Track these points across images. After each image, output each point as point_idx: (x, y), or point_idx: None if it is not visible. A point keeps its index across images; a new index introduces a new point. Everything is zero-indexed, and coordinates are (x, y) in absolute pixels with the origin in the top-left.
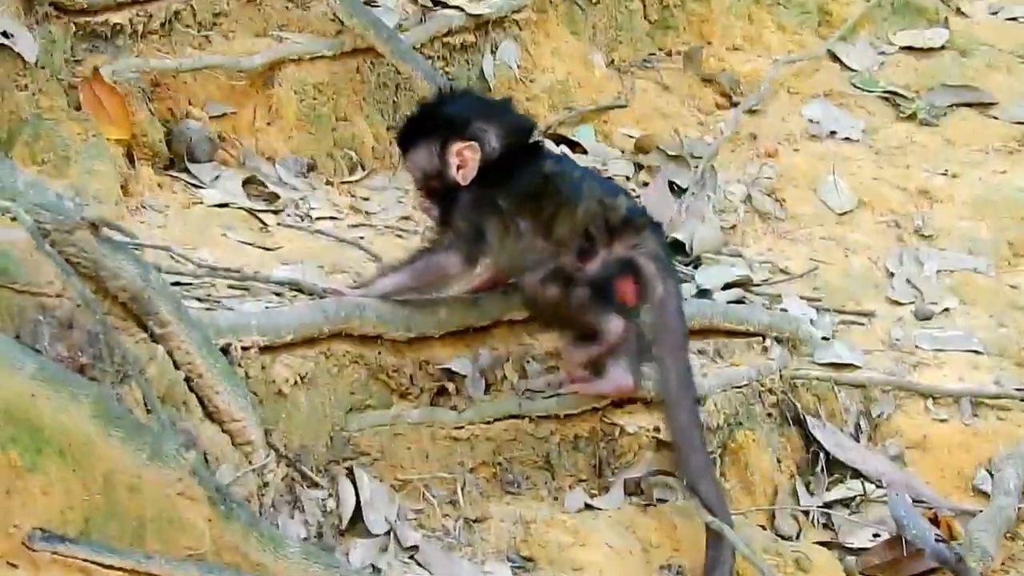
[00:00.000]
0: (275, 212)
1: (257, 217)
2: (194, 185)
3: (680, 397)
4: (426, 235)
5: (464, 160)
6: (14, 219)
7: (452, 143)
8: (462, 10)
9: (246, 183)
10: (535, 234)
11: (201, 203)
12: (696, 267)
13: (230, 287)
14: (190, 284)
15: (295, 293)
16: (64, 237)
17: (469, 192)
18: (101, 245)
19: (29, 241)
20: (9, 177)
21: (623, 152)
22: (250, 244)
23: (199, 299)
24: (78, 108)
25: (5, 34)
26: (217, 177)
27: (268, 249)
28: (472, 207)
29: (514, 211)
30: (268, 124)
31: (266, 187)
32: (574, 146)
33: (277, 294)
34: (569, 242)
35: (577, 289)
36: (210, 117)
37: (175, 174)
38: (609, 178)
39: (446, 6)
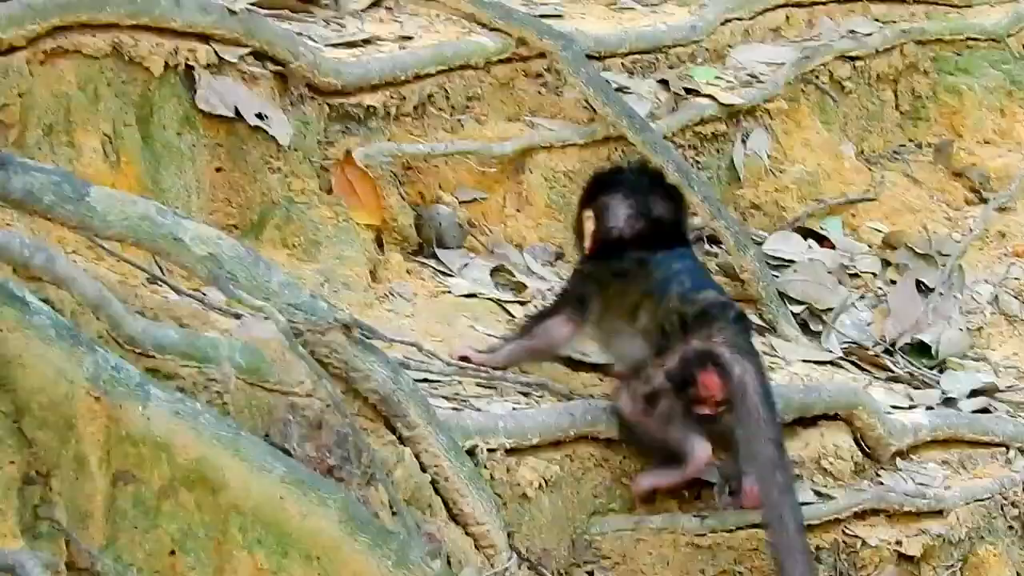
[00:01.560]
0: (522, 303)
1: (505, 308)
2: (442, 272)
3: (770, 490)
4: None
5: (587, 229)
6: (268, 318)
7: (583, 210)
8: (714, 99)
9: (494, 271)
10: (623, 318)
11: (449, 292)
12: (942, 371)
13: (478, 385)
14: (438, 382)
15: (542, 393)
16: (316, 338)
17: (587, 261)
18: (352, 346)
19: (281, 341)
20: (264, 276)
21: (870, 247)
22: (498, 338)
23: (446, 398)
24: (329, 192)
25: (260, 116)
26: (466, 265)
27: None
28: (580, 276)
29: (610, 290)
30: (518, 211)
31: (513, 276)
32: (822, 239)
33: (524, 394)
34: (650, 335)
35: (662, 400)
36: (460, 202)
37: (424, 260)
38: (707, 272)
39: (698, 95)
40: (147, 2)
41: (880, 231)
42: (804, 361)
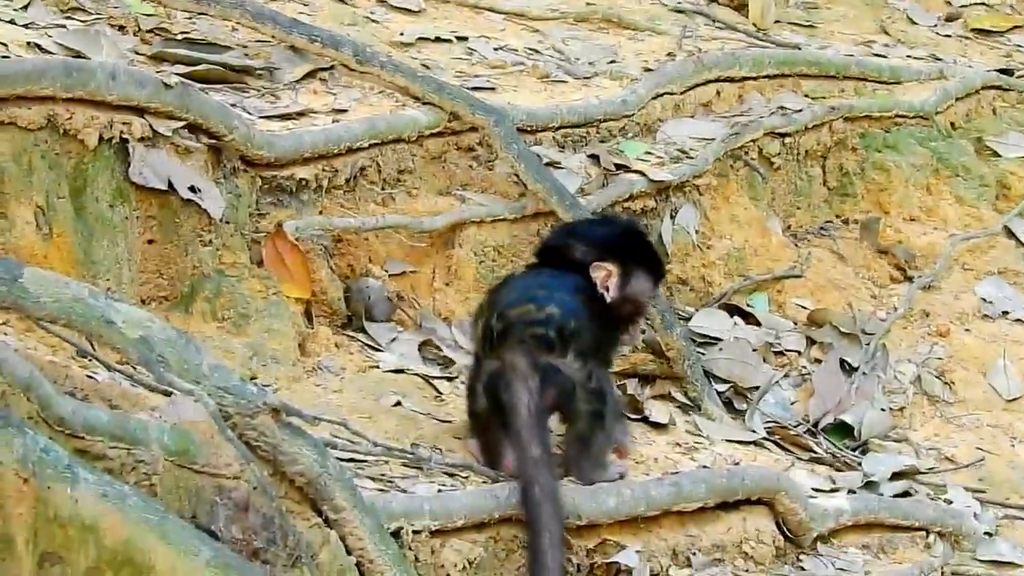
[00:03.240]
0: (449, 379)
1: (432, 384)
2: (371, 347)
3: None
4: None
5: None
6: (197, 401)
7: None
8: (644, 175)
9: (422, 346)
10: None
11: (377, 367)
12: (864, 452)
13: (404, 465)
14: (364, 462)
15: (467, 474)
16: (245, 421)
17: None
18: (281, 430)
19: (211, 424)
20: (195, 359)
21: (796, 324)
22: (424, 415)
23: (372, 479)
24: (260, 264)
25: (193, 189)
26: (394, 339)
27: (442, 421)
28: None
29: None
30: (447, 285)
31: (441, 350)
32: (748, 316)
33: (450, 475)
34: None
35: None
36: (389, 275)
37: (352, 334)
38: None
39: (628, 170)
40: (83, 75)
41: (805, 308)
42: (728, 441)
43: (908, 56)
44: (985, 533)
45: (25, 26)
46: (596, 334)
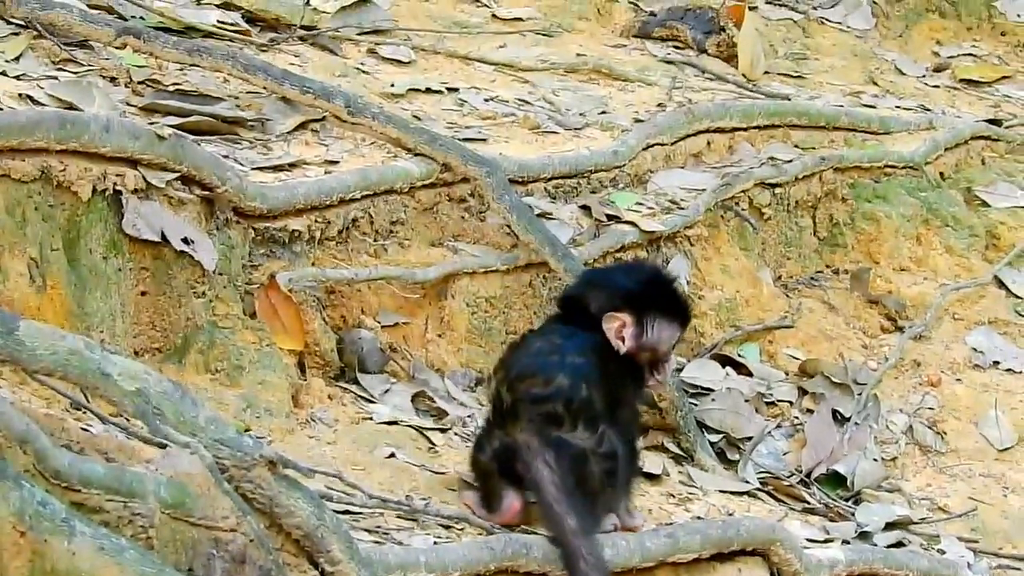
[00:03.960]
0: (443, 430)
1: (425, 436)
2: (364, 398)
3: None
4: None
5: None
6: (193, 453)
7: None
8: (635, 225)
9: (415, 397)
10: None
11: (370, 418)
12: (857, 503)
13: (399, 518)
14: (360, 514)
15: (463, 526)
16: (242, 474)
17: None
18: (277, 482)
19: (207, 476)
20: (191, 411)
21: (787, 375)
22: (419, 466)
23: (368, 530)
24: (253, 316)
25: (186, 240)
26: (387, 390)
27: (436, 473)
28: None
29: None
30: (439, 336)
31: (434, 402)
32: (740, 367)
33: (445, 527)
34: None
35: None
36: (382, 327)
37: (345, 385)
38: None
39: (620, 221)
40: (77, 127)
41: (797, 358)
42: (721, 491)
43: (897, 107)
44: None
45: (16, 77)
46: (612, 393)
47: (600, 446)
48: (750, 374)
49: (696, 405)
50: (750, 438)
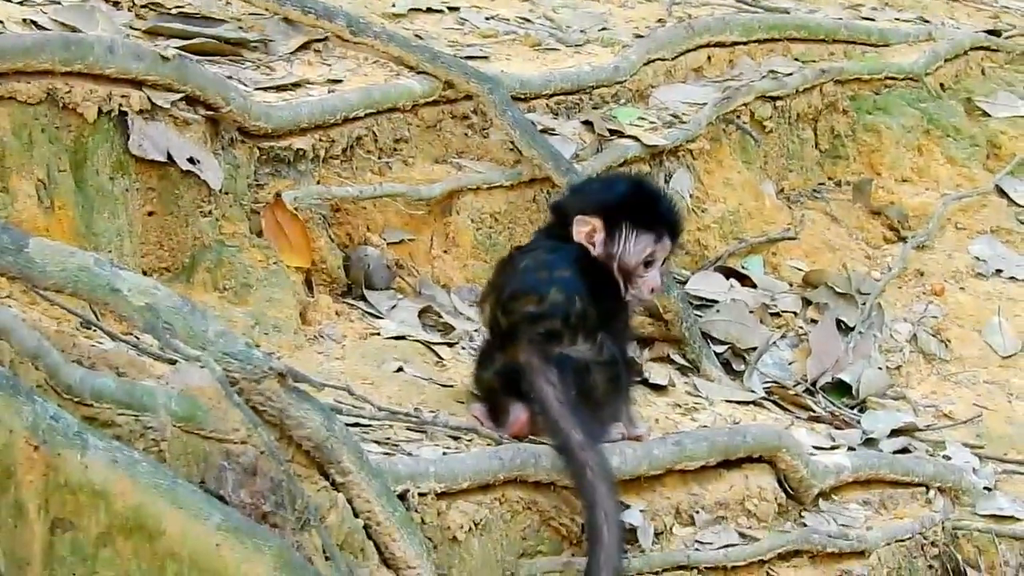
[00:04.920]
0: (450, 344)
1: (433, 350)
2: (371, 314)
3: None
4: None
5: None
6: (204, 367)
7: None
8: (638, 140)
9: (422, 313)
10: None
11: (378, 334)
12: (862, 411)
13: (408, 429)
14: (369, 427)
15: (471, 437)
16: (251, 386)
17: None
18: (287, 394)
19: (217, 389)
20: (200, 326)
21: (791, 286)
22: (427, 380)
23: (378, 442)
24: (259, 234)
25: (192, 160)
26: (394, 306)
27: (444, 386)
28: None
29: None
30: (445, 252)
31: (441, 317)
32: (744, 279)
33: (454, 438)
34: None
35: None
36: (388, 244)
37: (352, 302)
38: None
39: (622, 136)
40: (81, 49)
41: (801, 270)
42: (727, 401)
43: (896, 19)
44: (984, 488)
45: (21, 3)
46: (603, 302)
47: (601, 355)
48: (754, 285)
49: (701, 316)
50: (755, 348)
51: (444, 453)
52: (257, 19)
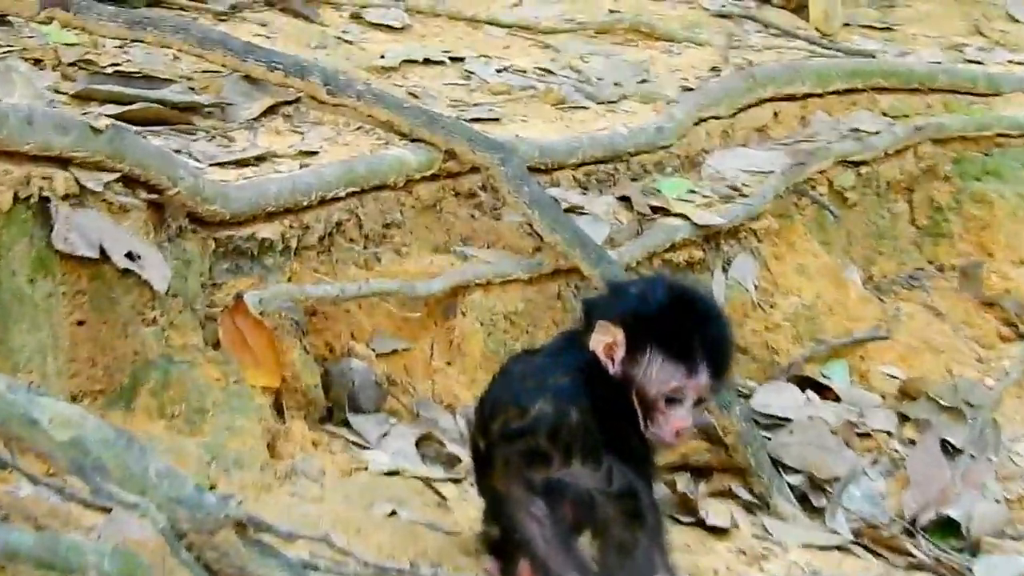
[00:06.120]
0: (455, 480)
1: (434, 488)
2: (357, 444)
3: None
4: None
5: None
6: (144, 516)
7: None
8: (688, 219)
9: (421, 441)
10: None
11: (366, 469)
12: (975, 555)
13: None
14: None
15: None
16: (204, 539)
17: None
18: (248, 549)
19: (162, 543)
20: (139, 464)
21: (884, 398)
22: (426, 525)
23: None
24: (216, 346)
25: (131, 256)
26: (385, 434)
27: (448, 533)
28: None
29: None
30: (448, 364)
31: (444, 446)
32: (823, 390)
33: None
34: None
35: None
36: (376, 355)
37: (333, 429)
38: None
39: (668, 214)
40: None
41: (895, 378)
42: (804, 546)
43: (1009, 61)
44: None
45: None
46: (614, 422)
47: (610, 483)
48: (837, 398)
49: (770, 439)
50: (839, 478)
51: None
52: (212, 78)
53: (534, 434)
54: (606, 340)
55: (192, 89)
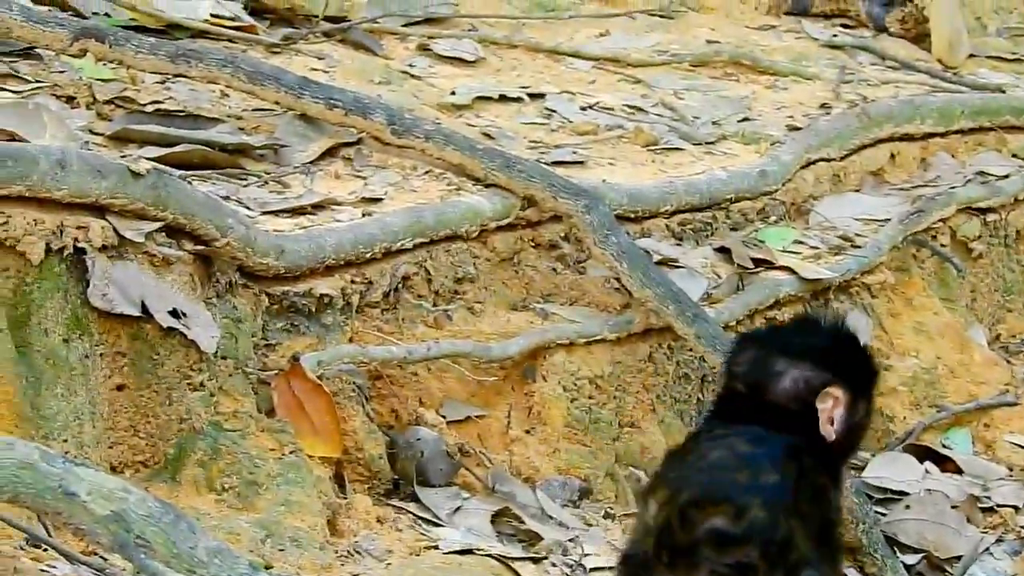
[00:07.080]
0: (535, 560)
1: (511, 568)
2: (426, 520)
3: None
4: None
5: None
6: None
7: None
8: (794, 272)
9: (496, 517)
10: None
11: (436, 547)
12: None
13: None
14: None
15: None
16: None
17: None
18: None
19: None
20: (187, 541)
21: (1011, 471)
22: None
23: None
24: (270, 413)
25: (176, 313)
26: (457, 509)
27: None
28: None
29: None
30: (527, 432)
31: (523, 523)
32: (943, 461)
33: None
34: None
35: None
36: (447, 423)
37: (400, 504)
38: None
39: (772, 267)
40: (21, 165)
41: None
42: None
43: None
44: None
45: None
46: (814, 522)
47: None
48: (959, 471)
49: (884, 515)
50: (960, 558)
51: None
52: (264, 117)
53: (747, 543)
54: (829, 406)
55: (242, 129)
